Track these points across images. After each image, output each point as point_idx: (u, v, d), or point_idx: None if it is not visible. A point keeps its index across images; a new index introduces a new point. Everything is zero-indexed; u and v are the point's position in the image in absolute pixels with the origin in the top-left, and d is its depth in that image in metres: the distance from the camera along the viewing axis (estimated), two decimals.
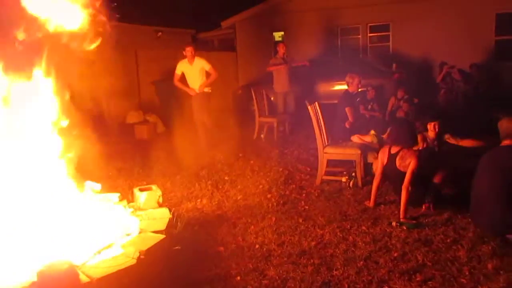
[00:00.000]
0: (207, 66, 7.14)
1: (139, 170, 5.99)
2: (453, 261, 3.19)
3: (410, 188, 3.99)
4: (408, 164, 4.04)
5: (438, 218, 3.99)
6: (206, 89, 7.22)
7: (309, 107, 5.13)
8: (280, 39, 14.28)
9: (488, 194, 3.51)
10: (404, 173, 4.03)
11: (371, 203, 4.41)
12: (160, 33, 12.97)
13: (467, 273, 3.01)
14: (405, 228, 3.79)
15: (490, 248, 3.33)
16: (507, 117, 3.54)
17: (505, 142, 3.54)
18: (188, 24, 14.59)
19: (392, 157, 4.21)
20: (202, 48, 14.88)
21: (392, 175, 4.30)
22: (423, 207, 4.21)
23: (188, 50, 7.06)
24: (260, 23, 14.22)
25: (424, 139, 4.83)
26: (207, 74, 7.19)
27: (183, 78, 7.24)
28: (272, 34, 14.46)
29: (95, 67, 9.84)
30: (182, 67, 7.16)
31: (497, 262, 3.12)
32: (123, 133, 9.03)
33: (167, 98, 9.40)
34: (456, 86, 9.67)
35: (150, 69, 10.42)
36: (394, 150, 4.23)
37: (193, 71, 7.12)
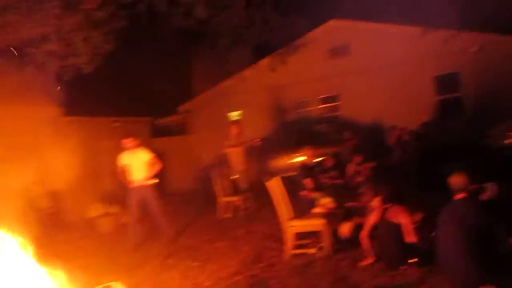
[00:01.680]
0: (149, 156, 6.86)
1: (103, 265, 5.71)
2: None
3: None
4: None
5: (411, 279, 3.98)
6: (151, 181, 6.81)
7: (267, 184, 5.18)
8: (237, 118, 14.70)
9: (453, 251, 3.54)
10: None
11: (370, 259, 4.40)
12: (118, 123, 13.05)
13: None
14: None
15: None
16: (457, 172, 3.69)
17: (459, 196, 3.65)
18: (145, 112, 14.80)
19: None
20: (160, 134, 15.08)
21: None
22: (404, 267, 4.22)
23: (127, 142, 6.81)
24: (216, 105, 14.66)
25: None
26: (151, 164, 6.84)
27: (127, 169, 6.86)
28: (228, 114, 14.88)
29: (53, 163, 9.70)
30: (125, 158, 6.85)
31: None
32: (86, 227, 8.72)
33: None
34: (408, 146, 10.10)
35: (110, 159, 10.34)
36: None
37: (136, 162, 6.81)
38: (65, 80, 8.65)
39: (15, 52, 7.74)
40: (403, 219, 4.42)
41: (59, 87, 8.80)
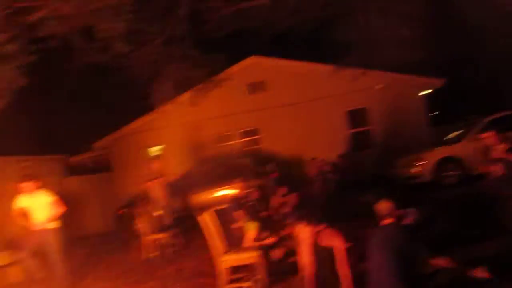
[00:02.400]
0: (50, 198, 6.42)
1: None
2: None
3: None
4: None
5: None
6: (52, 225, 6.34)
7: (199, 218, 5.14)
8: (158, 153, 14.41)
9: (385, 272, 3.72)
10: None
11: None
12: (27, 162, 12.14)
13: None
14: None
15: None
16: (382, 199, 3.96)
17: (387, 221, 3.91)
18: (58, 150, 13.96)
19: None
20: (75, 172, 14.26)
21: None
22: None
23: (25, 186, 6.32)
24: (135, 141, 14.30)
25: None
26: (53, 207, 6.38)
27: (25, 213, 6.35)
28: (147, 150, 14.56)
29: None
30: (23, 201, 6.35)
31: None
32: None
33: None
34: (328, 177, 10.65)
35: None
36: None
37: (36, 204, 6.34)
38: None
39: None
40: (337, 242, 4.57)
41: None
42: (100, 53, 10.11)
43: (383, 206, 3.89)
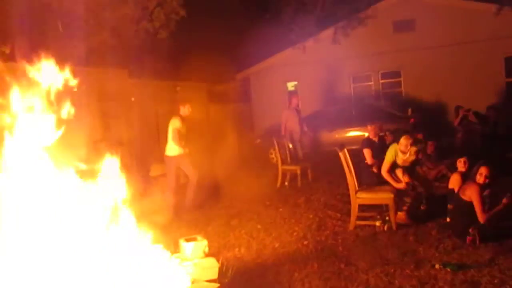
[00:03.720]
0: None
1: (169, 223, 6.02)
2: None
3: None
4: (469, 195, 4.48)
5: (481, 258, 4.02)
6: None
7: (340, 154, 5.27)
8: (293, 88, 14.70)
9: None
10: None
11: None
12: (178, 88, 13.42)
13: None
14: (449, 270, 3.81)
15: None
16: None
17: None
18: (202, 78, 15.07)
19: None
20: (217, 100, 15.35)
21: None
22: (468, 239, 4.28)
23: (183, 109, 6.62)
24: (274, 74, 14.70)
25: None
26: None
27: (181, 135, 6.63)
28: (285, 84, 14.90)
29: (117, 122, 10.16)
30: (179, 123, 6.63)
31: None
32: (148, 185, 9.15)
33: None
34: (474, 129, 9.81)
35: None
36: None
37: (185, 128, 6.68)
38: (135, 44, 8.97)
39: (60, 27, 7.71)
40: (475, 199, 4.44)
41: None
42: None
43: None
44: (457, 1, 12.58)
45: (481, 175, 4.56)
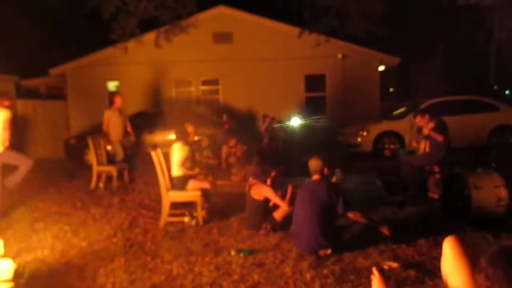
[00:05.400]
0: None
1: None
2: (281, 276, 3.85)
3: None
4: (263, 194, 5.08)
5: (269, 244, 4.71)
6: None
7: (152, 153, 5.49)
8: (114, 89, 14.34)
9: (305, 220, 4.34)
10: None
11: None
12: None
13: (291, 284, 3.69)
14: (242, 255, 4.37)
15: (308, 263, 4.10)
16: (313, 157, 4.50)
17: (314, 177, 4.47)
18: (9, 70, 13.57)
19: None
20: (26, 96, 13.99)
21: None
22: (261, 233, 4.93)
23: None
24: (93, 72, 14.13)
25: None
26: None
27: None
28: (105, 83, 14.45)
29: None
30: None
31: (313, 273, 3.88)
32: None
33: None
34: (277, 135, 11.17)
35: None
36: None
37: None
38: None
39: None
40: (268, 193, 5.15)
41: None
42: None
43: (314, 163, 4.42)
44: (267, 21, 14.14)
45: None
